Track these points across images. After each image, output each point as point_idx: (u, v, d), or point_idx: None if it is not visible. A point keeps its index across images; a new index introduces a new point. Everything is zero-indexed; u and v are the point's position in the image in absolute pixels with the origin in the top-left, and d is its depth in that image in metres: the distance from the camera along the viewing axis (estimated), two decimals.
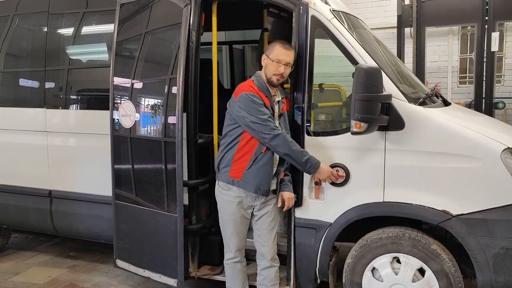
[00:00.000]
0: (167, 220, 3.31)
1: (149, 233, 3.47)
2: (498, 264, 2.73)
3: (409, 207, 2.86)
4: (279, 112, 3.02)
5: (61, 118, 4.01)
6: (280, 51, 2.89)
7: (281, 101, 3.04)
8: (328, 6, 3.12)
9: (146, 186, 3.48)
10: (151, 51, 3.52)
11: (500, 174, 2.69)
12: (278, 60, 2.88)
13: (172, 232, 3.28)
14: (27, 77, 4.19)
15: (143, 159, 3.50)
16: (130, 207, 3.55)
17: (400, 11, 6.91)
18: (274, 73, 2.90)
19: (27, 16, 4.21)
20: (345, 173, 2.98)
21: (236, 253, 3.11)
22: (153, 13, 3.46)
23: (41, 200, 4.12)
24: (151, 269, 3.49)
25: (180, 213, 3.22)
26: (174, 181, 3.22)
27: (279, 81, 2.95)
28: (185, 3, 3.19)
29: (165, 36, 3.49)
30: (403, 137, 2.85)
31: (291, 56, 2.92)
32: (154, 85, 3.46)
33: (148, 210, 3.44)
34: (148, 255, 3.51)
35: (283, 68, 2.88)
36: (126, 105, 3.46)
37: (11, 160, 4.25)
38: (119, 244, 3.68)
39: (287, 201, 3.05)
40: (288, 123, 3.04)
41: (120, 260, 3.70)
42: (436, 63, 9.11)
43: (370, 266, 3.01)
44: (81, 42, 4.06)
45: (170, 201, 3.30)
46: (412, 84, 3.47)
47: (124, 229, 3.62)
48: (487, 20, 6.22)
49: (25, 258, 4.71)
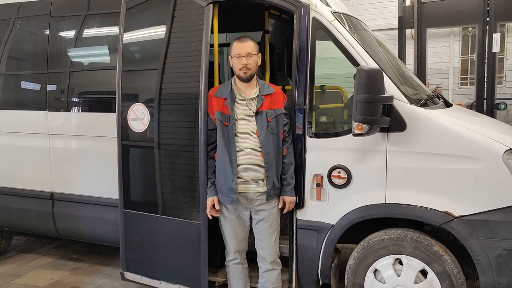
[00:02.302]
0: (188, 228, 3.21)
1: (166, 242, 3.34)
2: (501, 265, 2.72)
3: (411, 209, 2.86)
4: (255, 110, 2.93)
5: (63, 120, 4.01)
6: (236, 46, 2.95)
7: (261, 98, 2.96)
8: (329, 7, 3.13)
9: (163, 193, 3.37)
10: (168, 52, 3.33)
11: (502, 175, 2.69)
12: (238, 54, 2.92)
13: (194, 240, 3.17)
14: (29, 79, 4.20)
15: (158, 165, 3.36)
16: (142, 215, 3.41)
17: (401, 12, 6.92)
18: (239, 68, 2.92)
19: (29, 19, 4.23)
20: (347, 174, 2.98)
21: (235, 255, 3.11)
22: (167, 13, 3.30)
23: (43, 203, 4.12)
24: (169, 280, 3.36)
25: (204, 220, 3.11)
26: (195, 187, 3.13)
27: (247, 74, 2.92)
28: (207, 2, 3.10)
29: (184, 37, 3.31)
30: (405, 139, 2.84)
31: (249, 46, 2.92)
32: (171, 88, 3.34)
33: (165, 218, 3.31)
34: (164, 266, 3.39)
35: (245, 59, 2.89)
36: (137, 109, 3.36)
37: (13, 163, 4.25)
38: (128, 256, 3.53)
39: (288, 205, 3.05)
40: (274, 122, 2.95)
41: (129, 272, 3.55)
42: (437, 64, 9.12)
43: (372, 268, 3.01)
44: (82, 45, 4.07)
45: (191, 208, 3.22)
46: (414, 85, 3.47)
47: (135, 239, 3.48)
48: (488, 21, 6.22)
49: (27, 260, 4.72)
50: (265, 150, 2.92)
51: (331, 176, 3.02)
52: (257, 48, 2.99)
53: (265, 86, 3.03)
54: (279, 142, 3.00)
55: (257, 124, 2.93)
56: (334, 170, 3.01)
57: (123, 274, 3.59)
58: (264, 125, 2.93)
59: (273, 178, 2.97)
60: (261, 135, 2.92)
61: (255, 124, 2.93)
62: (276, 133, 2.97)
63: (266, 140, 2.92)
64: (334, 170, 3.00)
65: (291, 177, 3.05)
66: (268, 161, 2.93)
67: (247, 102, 2.96)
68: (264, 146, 2.92)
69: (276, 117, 2.97)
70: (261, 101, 2.95)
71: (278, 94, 3.03)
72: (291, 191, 3.05)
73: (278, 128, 2.98)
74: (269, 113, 2.95)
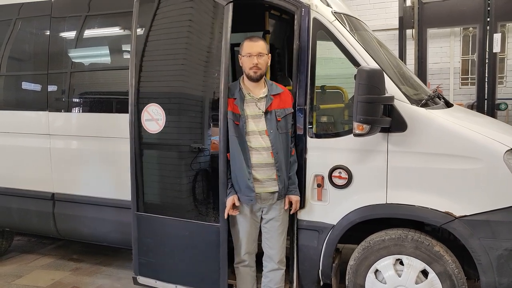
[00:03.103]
0: (207, 231, 3.17)
1: (183, 245, 3.29)
2: (502, 265, 2.72)
3: (411, 209, 2.86)
4: (265, 109, 2.94)
5: (63, 121, 4.02)
6: (247, 45, 2.94)
7: (270, 97, 2.97)
8: (330, 8, 3.13)
9: (179, 196, 3.32)
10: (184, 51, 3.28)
11: (503, 176, 2.69)
12: (248, 53, 2.91)
13: (213, 243, 3.13)
14: (30, 80, 4.21)
15: (174, 167, 3.34)
16: (158, 219, 3.35)
17: (401, 12, 6.91)
18: (249, 67, 2.91)
19: (30, 19, 4.23)
20: (348, 175, 2.98)
21: (245, 256, 3.10)
22: (182, 11, 3.27)
23: (44, 203, 4.12)
24: (186, 283, 3.30)
25: (224, 223, 3.06)
26: (215, 189, 3.08)
27: (257, 73, 2.92)
28: (227, 1, 3.07)
29: (201, 36, 3.29)
30: (406, 139, 2.84)
31: (260, 46, 2.92)
32: (188, 88, 3.30)
33: (183, 221, 3.26)
34: (181, 269, 3.33)
35: (256, 59, 2.89)
36: (152, 109, 3.28)
37: (14, 163, 4.26)
38: (141, 260, 3.45)
39: (294, 204, 3.04)
40: (284, 122, 2.96)
41: (142, 276, 3.47)
42: (438, 64, 9.11)
43: (373, 268, 3.00)
44: (83, 46, 4.07)
45: (210, 210, 3.20)
46: (414, 85, 3.47)
47: (149, 243, 3.41)
48: (489, 21, 6.21)
49: (28, 261, 4.72)
50: (275, 149, 2.93)
51: (332, 177, 3.02)
52: (268, 48, 2.99)
53: (273, 86, 3.04)
54: (288, 141, 3.00)
55: (266, 123, 2.94)
56: (335, 171, 3.01)
57: (136, 278, 3.49)
58: (274, 124, 2.94)
59: (283, 178, 2.98)
60: (271, 134, 2.93)
61: (264, 123, 2.94)
62: (285, 132, 2.97)
63: (275, 140, 2.93)
64: (335, 171, 3.00)
65: (296, 175, 3.05)
66: (279, 161, 2.94)
67: (256, 102, 2.97)
68: (274, 145, 2.93)
69: (285, 116, 2.98)
70: (270, 101, 2.96)
71: (286, 94, 3.04)
72: (295, 190, 3.04)
73: (287, 128, 2.99)
74: (278, 112, 2.96)
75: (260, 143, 2.94)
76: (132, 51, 3.36)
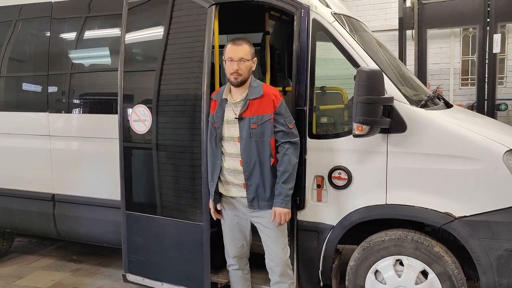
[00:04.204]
0: (192, 230, 3.21)
1: (169, 244, 3.35)
2: (502, 266, 2.72)
3: (411, 209, 2.86)
4: (239, 115, 2.79)
5: (64, 122, 4.02)
6: (229, 49, 2.77)
7: (246, 102, 2.78)
8: (329, 9, 3.14)
9: (166, 195, 3.37)
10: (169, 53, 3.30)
11: (503, 176, 2.69)
12: (230, 58, 2.75)
13: (198, 241, 3.18)
14: (30, 81, 4.21)
15: (161, 166, 3.35)
16: (145, 217, 3.41)
17: (401, 13, 6.91)
18: (230, 73, 2.76)
19: (30, 21, 4.23)
20: (347, 175, 2.98)
21: (234, 260, 3.07)
22: (168, 14, 3.28)
23: (44, 204, 4.13)
24: (172, 281, 3.36)
25: (207, 222, 3.13)
26: (198, 188, 3.14)
27: (238, 79, 2.75)
28: (209, 3, 3.09)
29: (186, 38, 3.28)
30: (405, 139, 2.85)
31: (243, 50, 2.74)
32: (173, 89, 3.33)
33: (169, 220, 3.31)
34: (167, 267, 3.38)
35: (236, 64, 2.73)
36: (139, 110, 3.36)
37: (14, 164, 4.26)
38: (130, 258, 3.53)
39: (277, 217, 2.76)
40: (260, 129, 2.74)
41: (131, 274, 3.54)
42: (438, 65, 9.11)
43: (373, 269, 3.01)
44: (83, 47, 4.07)
45: (194, 209, 3.22)
46: (414, 86, 3.47)
47: (137, 241, 3.48)
48: (489, 22, 6.21)
49: (28, 262, 4.72)
50: (245, 158, 2.77)
51: (331, 177, 3.03)
52: (253, 52, 2.82)
53: (257, 89, 2.81)
54: (265, 150, 2.76)
55: (239, 130, 2.80)
56: (334, 171, 3.01)
57: (125, 276, 3.58)
58: (247, 131, 2.76)
59: (256, 187, 2.79)
60: (242, 142, 2.78)
61: (238, 129, 2.81)
62: (261, 140, 2.76)
63: (246, 148, 2.76)
64: (335, 171, 3.01)
65: (286, 186, 2.76)
66: (248, 170, 2.78)
67: (233, 106, 2.85)
68: (244, 153, 2.77)
69: (263, 124, 2.75)
70: (245, 106, 2.77)
71: (267, 99, 2.77)
72: (281, 202, 2.74)
73: (265, 135, 2.75)
74: (253, 119, 2.75)
75: (233, 149, 2.85)
76: (121, 53, 3.45)
